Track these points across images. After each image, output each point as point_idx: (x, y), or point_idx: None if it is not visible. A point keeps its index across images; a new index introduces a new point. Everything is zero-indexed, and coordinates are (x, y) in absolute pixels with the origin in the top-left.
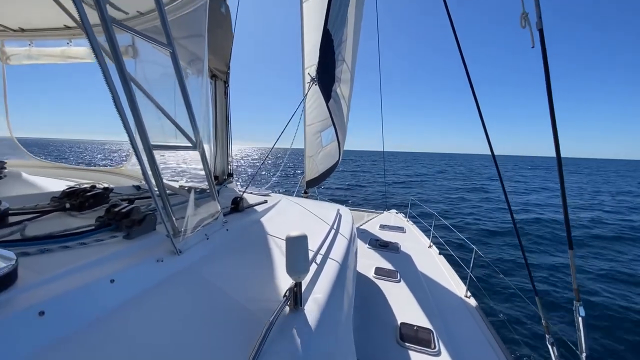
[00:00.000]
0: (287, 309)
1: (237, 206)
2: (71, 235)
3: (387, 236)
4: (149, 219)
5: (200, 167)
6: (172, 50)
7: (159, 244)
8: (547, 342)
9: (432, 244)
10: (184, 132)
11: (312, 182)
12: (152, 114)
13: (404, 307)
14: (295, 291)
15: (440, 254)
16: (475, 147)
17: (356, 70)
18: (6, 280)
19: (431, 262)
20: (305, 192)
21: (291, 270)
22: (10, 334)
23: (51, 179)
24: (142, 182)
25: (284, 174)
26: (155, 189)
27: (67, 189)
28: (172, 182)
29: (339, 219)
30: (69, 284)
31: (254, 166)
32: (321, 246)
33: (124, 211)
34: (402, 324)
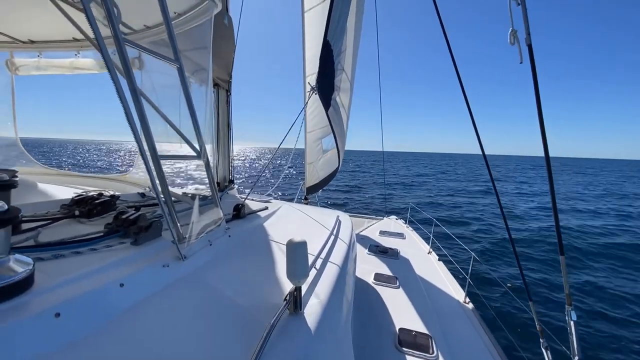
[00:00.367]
0: (287, 313)
1: (239, 213)
2: (82, 241)
3: (387, 242)
4: (155, 225)
5: (203, 174)
6: (179, 65)
7: (165, 249)
8: (541, 346)
9: (431, 250)
10: (189, 142)
11: (312, 189)
12: (159, 124)
13: (403, 313)
14: (295, 295)
15: (439, 260)
16: (475, 147)
17: (356, 69)
18: (24, 284)
19: (430, 268)
20: (305, 198)
21: (291, 275)
22: (29, 334)
23: (59, 187)
24: (147, 189)
25: (285, 176)
26: (161, 197)
27: (75, 196)
28: (176, 189)
29: (338, 225)
30: (81, 287)
31: (252, 167)
32: (321, 251)
33: (132, 218)
34: (400, 329)
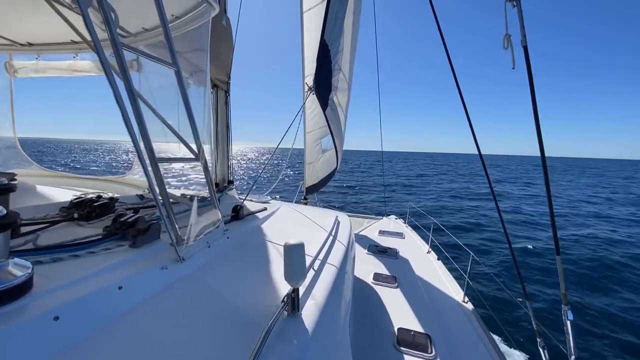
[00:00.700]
0: (285, 314)
1: (238, 214)
2: (80, 244)
3: (386, 242)
4: (154, 228)
5: (201, 176)
6: (176, 69)
7: (163, 252)
8: (538, 345)
9: (430, 250)
10: (187, 145)
11: (312, 188)
12: (157, 126)
13: (402, 312)
14: (292, 297)
15: (438, 260)
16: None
17: (355, 69)
18: (23, 287)
19: (429, 268)
20: (305, 197)
21: (289, 276)
22: (29, 337)
23: (57, 189)
24: (145, 191)
25: (284, 177)
26: (159, 199)
27: (74, 199)
28: (175, 191)
29: (337, 225)
30: (80, 290)
31: (250, 167)
32: (319, 252)
33: (130, 221)
34: (399, 329)
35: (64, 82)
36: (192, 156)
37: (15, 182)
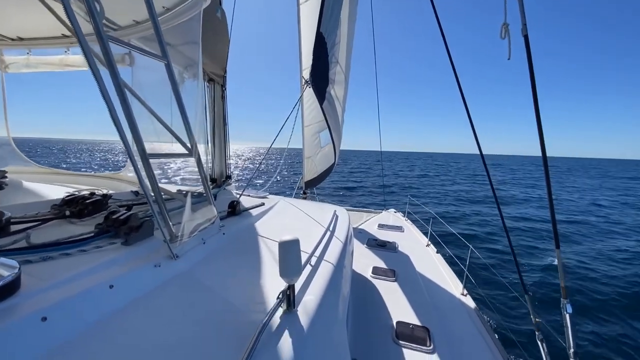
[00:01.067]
0: (281, 311)
1: (234, 210)
2: (71, 242)
3: (385, 236)
4: (147, 225)
5: (196, 172)
6: (166, 62)
7: (157, 249)
8: (536, 338)
9: (429, 243)
10: (180, 140)
11: (311, 183)
12: (148, 121)
13: (401, 306)
14: (288, 293)
15: (437, 253)
16: (476, 147)
17: (354, 69)
18: (10, 287)
19: (428, 261)
20: (304, 192)
21: (284, 273)
22: (15, 339)
23: (51, 186)
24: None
25: (281, 176)
26: (151, 194)
27: (66, 196)
28: (169, 187)
29: (335, 220)
30: (69, 290)
31: (248, 168)
32: (316, 248)
33: (122, 218)
34: (398, 322)
35: (65, 82)
36: (185, 151)
37: (5, 179)
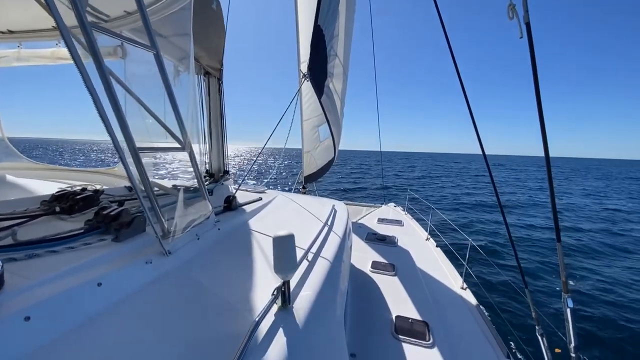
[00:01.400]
0: (277, 308)
1: (230, 205)
2: (59, 239)
3: (385, 230)
4: (138, 220)
5: (191, 166)
6: (155, 52)
7: (149, 245)
8: (537, 333)
9: (429, 237)
10: (172, 133)
11: (310, 177)
12: (139, 114)
13: (400, 300)
14: (283, 290)
15: (437, 247)
16: (477, 147)
17: (354, 71)
18: None
19: (428, 255)
20: (303, 187)
21: (278, 269)
22: None
23: (43, 182)
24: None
25: (281, 174)
26: (142, 189)
27: (57, 192)
28: (164, 181)
29: (333, 214)
30: (55, 288)
31: (242, 167)
32: (313, 243)
33: (113, 214)
34: (397, 317)
35: (65, 82)
36: (177, 145)
37: None
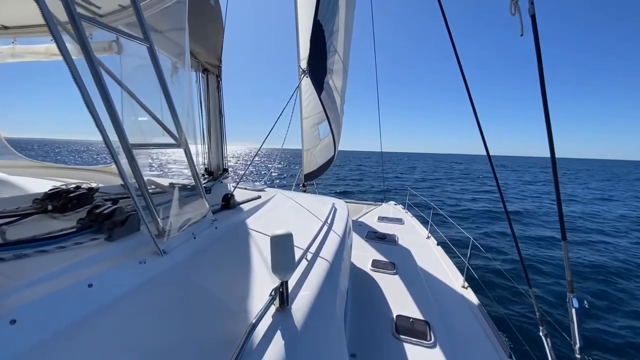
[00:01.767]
0: (274, 309)
1: (228, 203)
2: (49, 239)
3: (385, 228)
4: (132, 219)
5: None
6: (149, 44)
7: (143, 245)
8: (540, 333)
9: (430, 235)
10: (166, 128)
11: (310, 175)
12: (133, 109)
13: (401, 300)
14: (281, 290)
15: (438, 245)
16: (478, 148)
17: (354, 71)
18: None
19: (429, 254)
20: (303, 185)
21: (276, 269)
22: None
23: (38, 180)
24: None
25: (280, 176)
26: (135, 187)
27: (50, 190)
28: (160, 179)
29: (333, 213)
30: (43, 290)
31: (239, 167)
32: (313, 242)
33: (106, 212)
34: (398, 316)
35: (64, 80)
36: (172, 142)
37: None
